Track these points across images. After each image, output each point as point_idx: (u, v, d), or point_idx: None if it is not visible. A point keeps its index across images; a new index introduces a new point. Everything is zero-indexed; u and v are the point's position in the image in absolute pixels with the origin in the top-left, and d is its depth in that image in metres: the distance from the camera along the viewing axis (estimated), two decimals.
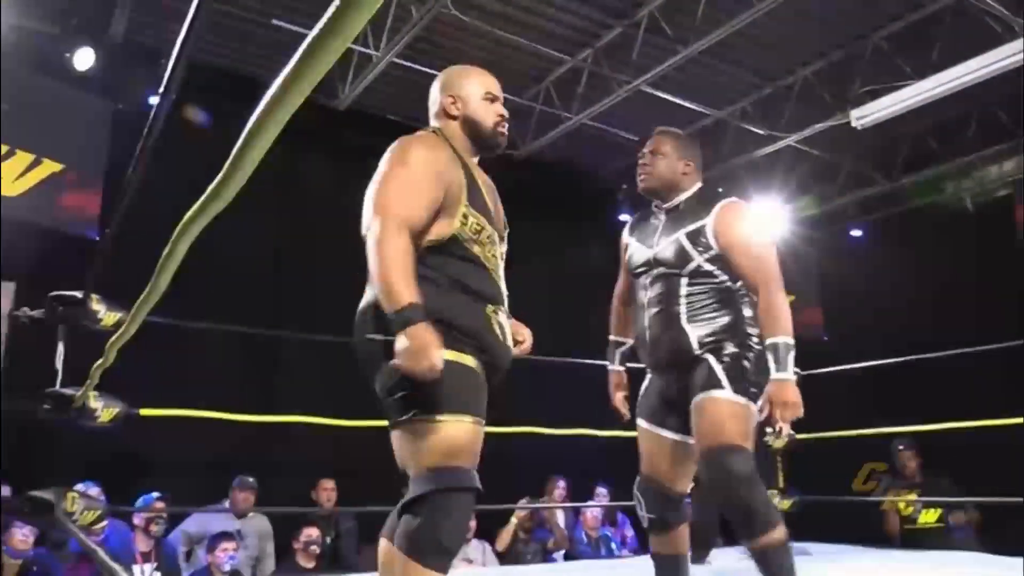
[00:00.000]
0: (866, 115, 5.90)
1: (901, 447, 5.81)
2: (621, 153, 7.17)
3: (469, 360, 1.81)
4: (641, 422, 2.58)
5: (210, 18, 5.52)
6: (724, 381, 2.31)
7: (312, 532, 5.08)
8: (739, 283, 2.41)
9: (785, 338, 2.26)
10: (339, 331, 4.63)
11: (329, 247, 6.15)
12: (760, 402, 2.28)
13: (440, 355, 1.68)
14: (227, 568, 4.53)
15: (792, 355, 2.25)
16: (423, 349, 1.66)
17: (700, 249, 2.39)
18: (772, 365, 2.25)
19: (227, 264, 5.40)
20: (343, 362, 5.66)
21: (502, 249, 2.00)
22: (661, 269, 2.45)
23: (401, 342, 1.66)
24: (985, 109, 6.63)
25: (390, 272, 1.71)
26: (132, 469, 5.04)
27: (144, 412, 3.35)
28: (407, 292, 1.69)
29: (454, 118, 2.02)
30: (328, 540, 5.28)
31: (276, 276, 6.37)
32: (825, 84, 6.34)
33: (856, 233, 8.14)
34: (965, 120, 6.79)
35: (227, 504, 5.13)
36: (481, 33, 5.88)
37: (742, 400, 2.31)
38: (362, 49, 5.81)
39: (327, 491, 5.42)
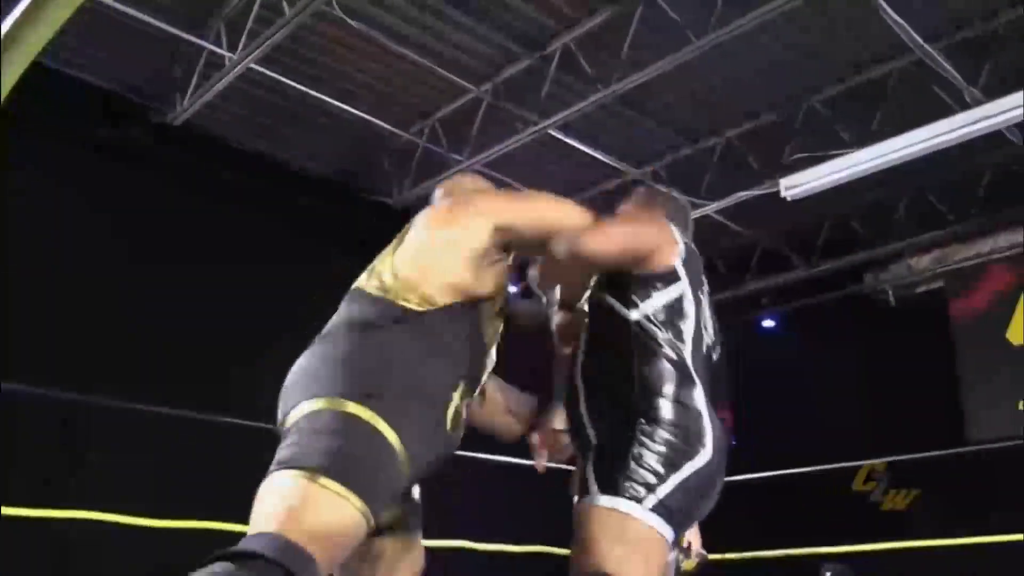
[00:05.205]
0: (797, 185, 5.22)
1: (828, 575, 4.98)
2: None
3: None
4: None
5: None
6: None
7: None
8: None
9: None
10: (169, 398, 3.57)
11: (164, 287, 4.91)
12: None
13: None
14: None
15: None
16: None
17: None
18: None
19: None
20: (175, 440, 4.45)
21: None
22: None
23: None
24: (916, 193, 6.08)
25: None
26: None
27: None
28: None
29: None
30: None
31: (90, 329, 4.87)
32: (752, 148, 5.63)
33: (768, 323, 7.40)
34: (893, 203, 6.22)
35: None
36: (360, 49, 4.91)
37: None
38: (213, 47, 4.66)
39: None
